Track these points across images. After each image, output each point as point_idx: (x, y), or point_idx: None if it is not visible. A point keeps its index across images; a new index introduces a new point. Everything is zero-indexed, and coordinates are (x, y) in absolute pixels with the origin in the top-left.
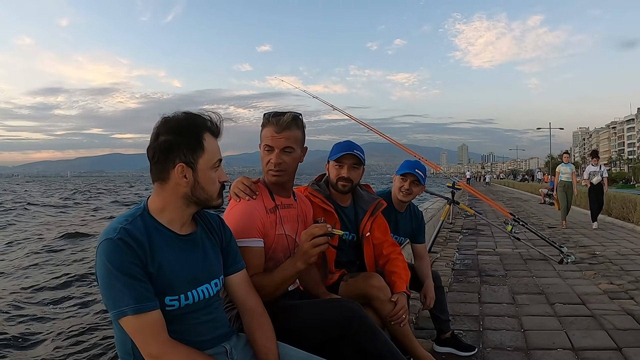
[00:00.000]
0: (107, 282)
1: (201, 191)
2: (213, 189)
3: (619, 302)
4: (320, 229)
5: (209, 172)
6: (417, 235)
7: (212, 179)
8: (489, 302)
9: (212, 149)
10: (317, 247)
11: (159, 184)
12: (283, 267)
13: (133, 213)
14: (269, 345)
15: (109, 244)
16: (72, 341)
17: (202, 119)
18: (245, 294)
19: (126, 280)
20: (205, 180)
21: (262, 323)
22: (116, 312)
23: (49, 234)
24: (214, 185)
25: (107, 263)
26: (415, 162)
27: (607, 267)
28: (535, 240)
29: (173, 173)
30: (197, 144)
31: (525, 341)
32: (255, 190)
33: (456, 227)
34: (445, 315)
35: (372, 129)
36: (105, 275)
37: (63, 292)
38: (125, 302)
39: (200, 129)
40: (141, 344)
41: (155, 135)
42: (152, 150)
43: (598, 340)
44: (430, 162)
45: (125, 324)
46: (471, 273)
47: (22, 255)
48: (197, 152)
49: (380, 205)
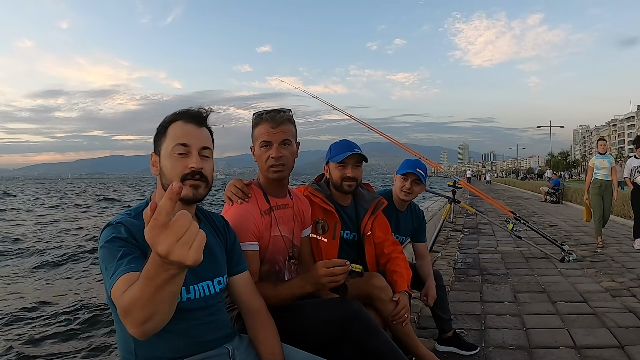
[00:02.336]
0: (106, 259)
1: (164, 178)
2: (172, 174)
3: (621, 300)
4: (341, 269)
5: (170, 157)
6: (418, 234)
7: (170, 163)
8: (490, 301)
9: (177, 132)
10: (332, 282)
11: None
12: (291, 285)
13: (137, 207)
14: (274, 347)
15: (109, 228)
16: (73, 341)
17: (181, 111)
18: (248, 295)
19: (120, 251)
20: (165, 165)
21: (266, 324)
22: (109, 282)
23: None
24: (174, 170)
25: (101, 245)
26: (416, 161)
27: (608, 265)
28: (536, 239)
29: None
30: (162, 130)
31: (527, 340)
32: (248, 193)
33: (457, 226)
34: (447, 315)
35: (372, 128)
36: (104, 254)
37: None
38: (118, 268)
39: (171, 118)
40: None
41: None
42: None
43: (600, 338)
44: (431, 161)
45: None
46: (473, 272)
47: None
48: (161, 139)
49: (381, 204)
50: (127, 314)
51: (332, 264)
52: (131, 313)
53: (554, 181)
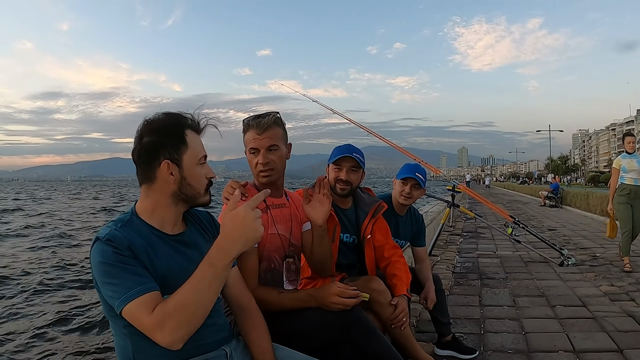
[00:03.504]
0: (107, 277)
1: (188, 187)
2: (200, 185)
3: (620, 304)
4: (354, 302)
5: (195, 168)
6: (418, 238)
7: (198, 174)
8: (489, 305)
9: (195, 144)
10: (340, 306)
11: (146, 185)
12: (297, 298)
13: (122, 218)
14: (265, 345)
15: (100, 245)
16: (70, 348)
17: (183, 118)
18: (238, 291)
19: (124, 268)
20: (191, 176)
21: (257, 323)
22: (120, 301)
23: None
24: (201, 181)
25: (101, 261)
26: (415, 166)
27: (607, 269)
28: (535, 243)
29: (160, 172)
30: (180, 140)
31: (526, 344)
32: (244, 192)
33: (456, 230)
34: (446, 318)
35: (371, 132)
36: (102, 272)
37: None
38: (127, 286)
39: (182, 126)
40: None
41: (138, 138)
42: (137, 152)
43: (599, 342)
44: (430, 165)
45: (129, 309)
46: (472, 276)
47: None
48: (181, 149)
49: (381, 208)
50: (166, 323)
51: (347, 295)
52: (173, 319)
53: (553, 185)
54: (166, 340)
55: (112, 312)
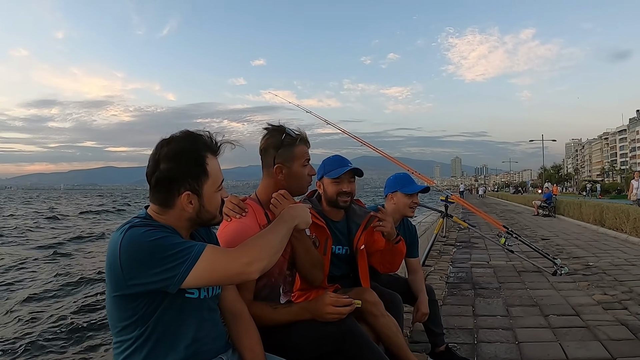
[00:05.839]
0: (162, 251)
1: (206, 214)
2: (216, 209)
3: (613, 313)
4: (348, 310)
5: (214, 195)
6: (411, 249)
7: (216, 200)
8: (483, 315)
9: (215, 171)
10: (336, 318)
11: (162, 209)
12: (290, 312)
13: (139, 216)
14: (257, 351)
15: (137, 229)
16: (70, 347)
17: (202, 139)
18: (231, 298)
19: (174, 237)
20: (210, 203)
21: (249, 329)
22: (191, 258)
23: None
24: (217, 204)
25: (149, 240)
26: (408, 176)
27: (600, 278)
28: (528, 252)
29: (179, 201)
30: (202, 170)
31: (519, 353)
32: (245, 208)
33: (450, 240)
34: (440, 329)
35: (365, 143)
36: (153, 249)
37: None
38: (191, 244)
39: (202, 153)
40: (231, 260)
41: (155, 162)
42: (155, 179)
43: (592, 350)
44: (424, 175)
45: (205, 258)
46: (465, 286)
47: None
48: (202, 179)
49: (373, 219)
50: (247, 250)
51: (340, 304)
52: (256, 247)
53: (546, 195)
54: (248, 262)
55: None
